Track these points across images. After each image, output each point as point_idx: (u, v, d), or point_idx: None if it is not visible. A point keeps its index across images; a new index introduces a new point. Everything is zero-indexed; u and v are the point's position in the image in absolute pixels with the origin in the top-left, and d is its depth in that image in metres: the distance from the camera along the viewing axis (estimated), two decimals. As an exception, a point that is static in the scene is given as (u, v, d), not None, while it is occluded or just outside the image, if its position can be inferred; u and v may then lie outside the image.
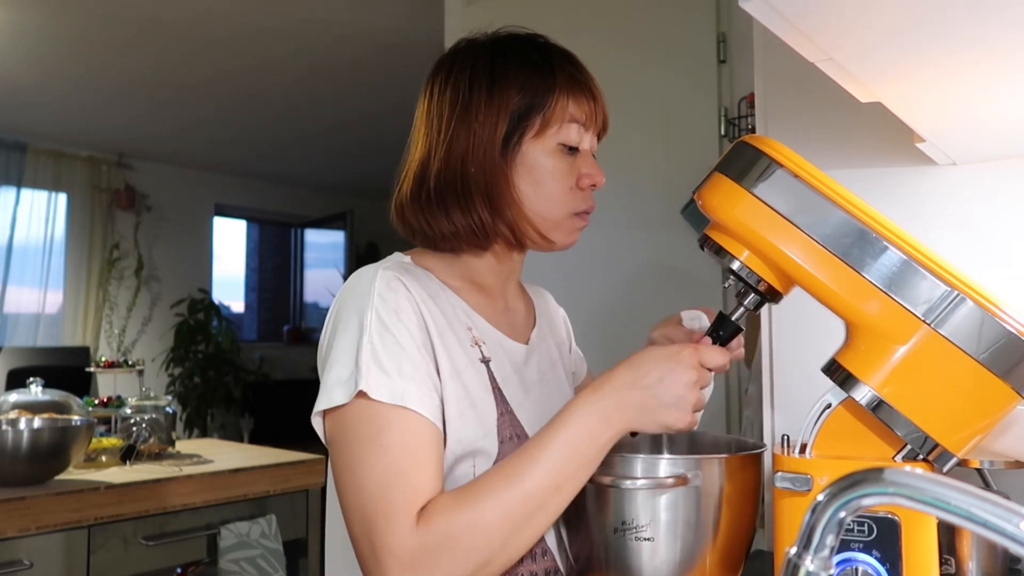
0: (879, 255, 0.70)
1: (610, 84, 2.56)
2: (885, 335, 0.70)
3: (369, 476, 0.75)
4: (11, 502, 1.78)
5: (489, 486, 0.74)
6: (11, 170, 5.62)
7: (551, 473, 0.74)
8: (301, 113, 5.16)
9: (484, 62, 0.89)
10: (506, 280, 0.96)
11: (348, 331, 0.80)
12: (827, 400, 0.74)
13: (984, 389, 0.67)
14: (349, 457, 0.76)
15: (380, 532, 0.73)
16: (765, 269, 0.76)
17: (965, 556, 0.88)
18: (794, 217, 0.72)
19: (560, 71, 0.89)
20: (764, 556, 1.09)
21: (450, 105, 0.88)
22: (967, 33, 0.65)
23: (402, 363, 0.77)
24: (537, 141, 0.87)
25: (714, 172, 0.77)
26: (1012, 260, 1.08)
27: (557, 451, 0.75)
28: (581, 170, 0.90)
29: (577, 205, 0.90)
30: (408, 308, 0.80)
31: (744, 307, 0.80)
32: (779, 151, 0.74)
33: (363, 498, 0.75)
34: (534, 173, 0.88)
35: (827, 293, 0.72)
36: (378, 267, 0.83)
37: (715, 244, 0.78)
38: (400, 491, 0.73)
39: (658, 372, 0.76)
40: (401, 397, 0.76)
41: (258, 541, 2.11)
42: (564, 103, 0.88)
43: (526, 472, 0.74)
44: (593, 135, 0.93)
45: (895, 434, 0.69)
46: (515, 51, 0.90)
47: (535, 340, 0.97)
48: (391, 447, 0.75)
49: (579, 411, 0.76)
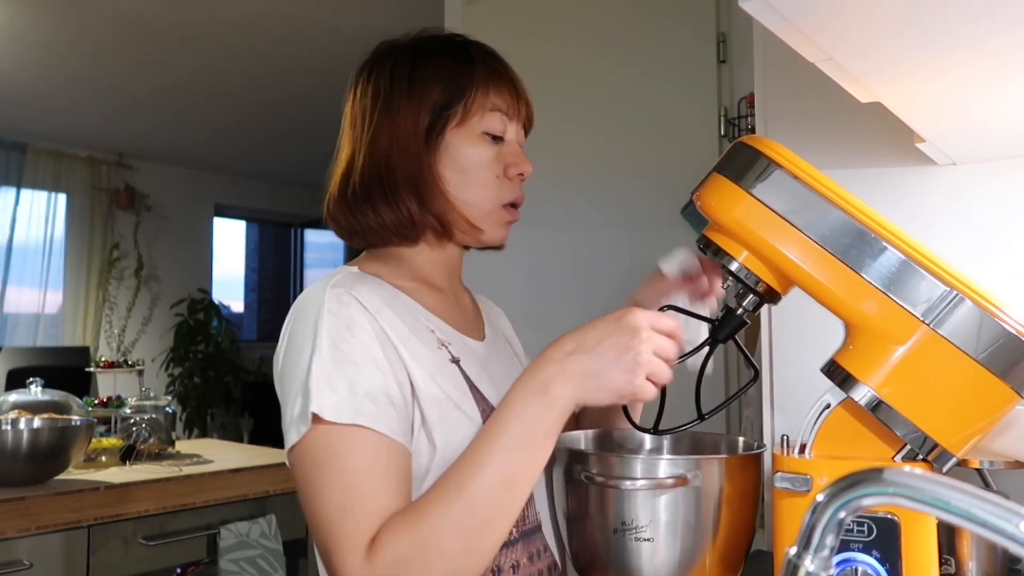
0: (878, 255, 0.70)
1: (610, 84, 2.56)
2: (884, 335, 0.69)
3: (324, 506, 0.73)
4: (11, 502, 1.78)
5: (434, 499, 0.71)
6: (11, 170, 5.61)
7: (499, 471, 0.71)
8: (302, 113, 5.16)
9: (404, 59, 0.90)
10: (451, 276, 0.97)
11: (299, 354, 0.78)
12: (826, 400, 0.74)
13: (983, 389, 0.67)
14: (308, 487, 0.75)
15: (335, 566, 0.71)
16: (764, 270, 0.76)
17: (965, 556, 0.88)
18: (792, 217, 0.72)
19: (480, 62, 0.89)
20: (764, 556, 1.09)
21: (372, 101, 0.89)
22: (966, 32, 0.65)
23: (355, 380, 0.75)
24: (460, 130, 0.88)
25: (713, 173, 0.77)
26: (1012, 260, 1.08)
27: (501, 446, 0.72)
28: (507, 159, 0.90)
29: (505, 195, 0.90)
30: (362, 320, 0.78)
31: (743, 308, 0.79)
32: (778, 152, 0.74)
33: (320, 531, 0.73)
34: (460, 162, 0.88)
35: (826, 294, 0.72)
36: (326, 284, 0.81)
37: (714, 245, 0.77)
38: (353, 521, 0.71)
39: (599, 334, 0.73)
40: (355, 415, 0.73)
41: (258, 541, 2.11)
42: (484, 92, 0.88)
43: (471, 476, 0.71)
44: (518, 126, 0.92)
45: (894, 434, 0.69)
46: (434, 47, 0.91)
47: (489, 336, 0.98)
48: (345, 472, 0.72)
49: (518, 395, 0.74)
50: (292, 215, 7.40)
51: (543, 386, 0.73)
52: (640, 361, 0.72)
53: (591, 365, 0.72)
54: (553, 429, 0.74)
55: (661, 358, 0.74)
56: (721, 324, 0.82)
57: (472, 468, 0.72)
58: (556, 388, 0.73)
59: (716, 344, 0.83)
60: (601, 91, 2.33)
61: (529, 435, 0.72)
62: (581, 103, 2.35)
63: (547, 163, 2.40)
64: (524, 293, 2.36)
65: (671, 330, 0.75)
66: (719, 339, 0.82)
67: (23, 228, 5.73)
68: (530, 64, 2.92)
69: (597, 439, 0.96)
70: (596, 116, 2.33)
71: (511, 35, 2.48)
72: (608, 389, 0.73)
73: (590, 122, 2.34)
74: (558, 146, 2.35)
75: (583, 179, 2.34)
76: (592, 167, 2.33)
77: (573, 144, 2.34)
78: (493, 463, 0.71)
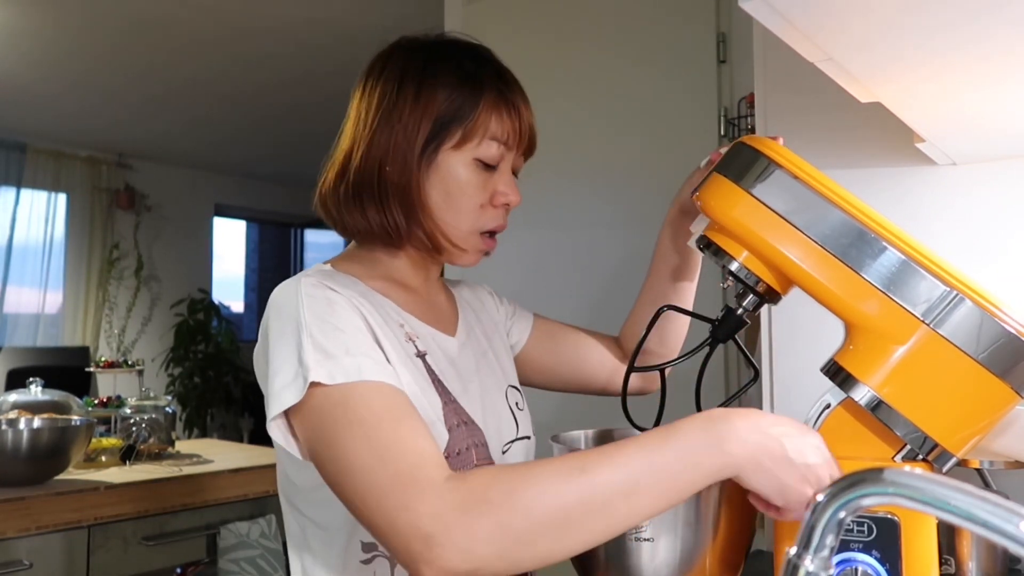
0: (878, 255, 0.70)
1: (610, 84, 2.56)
2: (884, 335, 0.69)
3: (356, 455, 0.69)
4: (11, 502, 1.78)
5: (553, 468, 0.66)
6: (11, 170, 5.62)
7: (629, 478, 0.64)
8: (301, 113, 5.16)
9: (416, 65, 0.89)
10: (426, 277, 0.97)
11: (283, 337, 0.77)
12: (826, 400, 0.74)
13: (983, 389, 0.67)
14: (329, 446, 0.72)
15: (393, 502, 0.66)
16: (764, 270, 0.75)
17: (965, 556, 0.88)
18: (792, 217, 0.72)
19: (489, 86, 0.88)
20: (764, 556, 1.09)
21: (377, 103, 0.89)
22: (965, 32, 0.65)
23: (347, 343, 0.75)
24: (455, 152, 0.87)
25: (713, 173, 0.77)
26: (1012, 260, 1.08)
27: (646, 458, 0.65)
28: (497, 187, 0.90)
29: (485, 223, 0.90)
30: (340, 300, 0.79)
31: (743, 308, 0.79)
32: (777, 151, 0.74)
33: (361, 477, 0.68)
34: (447, 183, 0.88)
35: (826, 293, 0.72)
36: (299, 277, 0.82)
37: (714, 245, 0.77)
38: (399, 459, 0.67)
39: (798, 430, 0.67)
40: (357, 373, 0.73)
41: (258, 541, 2.11)
42: (487, 119, 0.87)
43: (602, 467, 0.65)
44: (517, 154, 0.92)
45: (895, 434, 0.69)
46: (448, 58, 0.90)
47: (462, 333, 0.97)
48: (364, 421, 0.70)
49: (694, 425, 0.67)
50: (292, 215, 7.40)
51: (721, 439, 0.65)
52: (819, 476, 0.66)
53: (777, 451, 0.65)
54: (705, 477, 0.66)
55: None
56: (721, 324, 0.82)
57: (607, 460, 0.65)
58: (733, 447, 0.65)
59: (716, 344, 0.83)
60: (601, 91, 2.33)
61: (676, 465, 0.65)
62: (581, 103, 2.35)
63: (547, 163, 2.41)
64: (523, 293, 2.35)
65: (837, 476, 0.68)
66: (719, 339, 0.82)
67: (23, 228, 5.73)
68: (530, 64, 2.92)
69: (597, 438, 0.97)
70: (596, 116, 2.33)
71: (511, 35, 2.48)
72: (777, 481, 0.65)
73: (590, 122, 2.34)
74: (558, 146, 2.35)
75: (583, 179, 2.34)
76: (592, 167, 2.33)
77: (573, 144, 2.34)
78: (629, 467, 0.65)
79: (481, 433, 0.87)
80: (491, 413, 0.92)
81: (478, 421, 0.88)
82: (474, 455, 0.84)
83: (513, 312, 1.10)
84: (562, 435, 0.95)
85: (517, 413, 0.97)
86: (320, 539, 0.83)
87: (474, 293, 1.09)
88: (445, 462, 0.69)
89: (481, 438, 0.87)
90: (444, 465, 0.68)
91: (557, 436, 0.92)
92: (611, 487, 0.64)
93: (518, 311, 1.11)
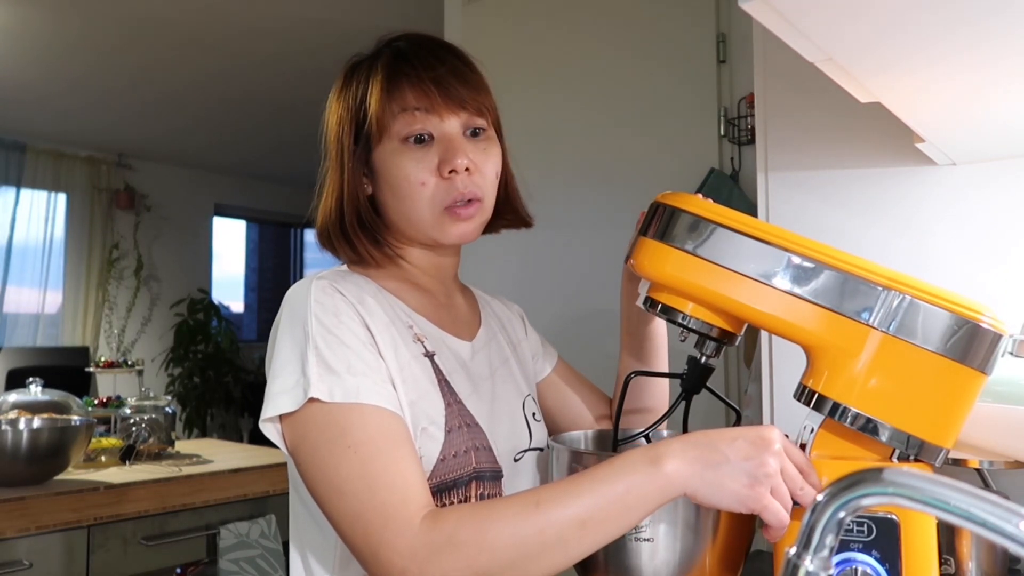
0: (812, 275, 0.71)
1: (610, 84, 2.56)
2: (841, 349, 0.71)
3: (347, 479, 0.72)
4: (11, 502, 1.78)
5: (511, 505, 0.70)
6: (11, 170, 5.62)
7: (580, 511, 0.68)
8: (300, 113, 5.15)
9: (351, 88, 0.90)
10: (443, 278, 0.97)
11: (290, 342, 0.79)
12: (808, 425, 0.75)
13: (948, 377, 0.68)
14: (320, 463, 0.74)
15: (376, 534, 0.70)
16: (712, 316, 0.77)
17: (965, 556, 0.88)
18: (722, 260, 0.74)
19: (382, 65, 0.87)
20: (764, 556, 1.09)
21: (332, 152, 0.91)
22: (965, 32, 0.65)
23: (351, 361, 0.76)
24: (383, 146, 0.87)
25: (639, 237, 0.79)
26: (1012, 260, 1.08)
27: (595, 490, 0.68)
28: (440, 156, 0.85)
29: (442, 199, 0.86)
30: (347, 309, 0.80)
31: (705, 355, 0.81)
32: (692, 203, 0.76)
33: (349, 501, 0.72)
34: (388, 180, 0.87)
35: (774, 323, 0.73)
36: (312, 278, 0.83)
37: (660, 303, 0.79)
38: (387, 490, 0.71)
39: (733, 435, 0.68)
40: (356, 394, 0.74)
41: (258, 541, 2.11)
42: (388, 96, 0.85)
43: (555, 502, 0.69)
44: (452, 117, 0.86)
45: (880, 441, 0.70)
46: (349, 72, 0.91)
47: (482, 338, 0.97)
48: (359, 446, 0.73)
49: (632, 456, 0.69)
50: (292, 215, 7.40)
51: (658, 458, 0.68)
52: (768, 472, 0.66)
53: (714, 458, 0.67)
54: (650, 500, 0.68)
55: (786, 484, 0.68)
56: (689, 376, 0.84)
57: (560, 495, 0.69)
58: (669, 465, 0.67)
59: (691, 396, 0.85)
60: (601, 91, 2.33)
61: (623, 495, 0.68)
62: (581, 103, 2.35)
63: (546, 163, 2.41)
64: (523, 293, 2.35)
65: (802, 464, 0.69)
66: (690, 391, 0.84)
67: (23, 228, 5.73)
68: (529, 64, 2.92)
69: (597, 439, 0.97)
70: (596, 115, 2.33)
71: (510, 35, 2.48)
72: (728, 490, 0.66)
73: (590, 122, 2.34)
74: (557, 146, 2.35)
75: (583, 178, 2.34)
76: (592, 167, 2.33)
77: (572, 143, 2.34)
78: (580, 500, 0.68)
79: (485, 436, 0.87)
80: (502, 418, 0.92)
81: (484, 424, 0.87)
82: (473, 458, 0.84)
83: (541, 347, 1.10)
84: (562, 435, 0.95)
85: (533, 424, 0.97)
86: (322, 532, 0.83)
87: (506, 308, 1.09)
88: (428, 495, 0.73)
89: (484, 441, 0.87)
90: (426, 500, 0.72)
91: (557, 436, 0.93)
92: (564, 520, 0.68)
93: (545, 349, 1.11)
